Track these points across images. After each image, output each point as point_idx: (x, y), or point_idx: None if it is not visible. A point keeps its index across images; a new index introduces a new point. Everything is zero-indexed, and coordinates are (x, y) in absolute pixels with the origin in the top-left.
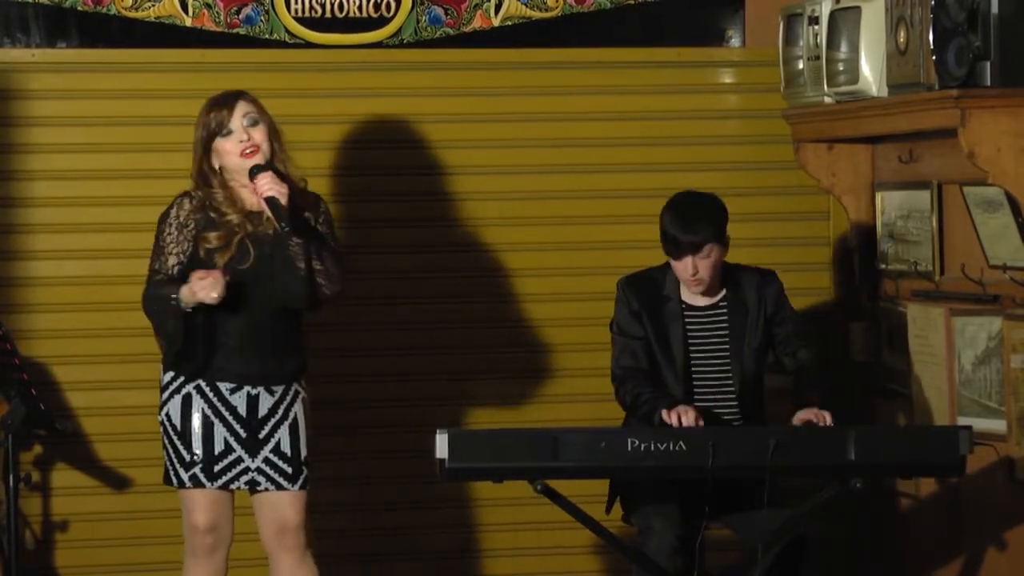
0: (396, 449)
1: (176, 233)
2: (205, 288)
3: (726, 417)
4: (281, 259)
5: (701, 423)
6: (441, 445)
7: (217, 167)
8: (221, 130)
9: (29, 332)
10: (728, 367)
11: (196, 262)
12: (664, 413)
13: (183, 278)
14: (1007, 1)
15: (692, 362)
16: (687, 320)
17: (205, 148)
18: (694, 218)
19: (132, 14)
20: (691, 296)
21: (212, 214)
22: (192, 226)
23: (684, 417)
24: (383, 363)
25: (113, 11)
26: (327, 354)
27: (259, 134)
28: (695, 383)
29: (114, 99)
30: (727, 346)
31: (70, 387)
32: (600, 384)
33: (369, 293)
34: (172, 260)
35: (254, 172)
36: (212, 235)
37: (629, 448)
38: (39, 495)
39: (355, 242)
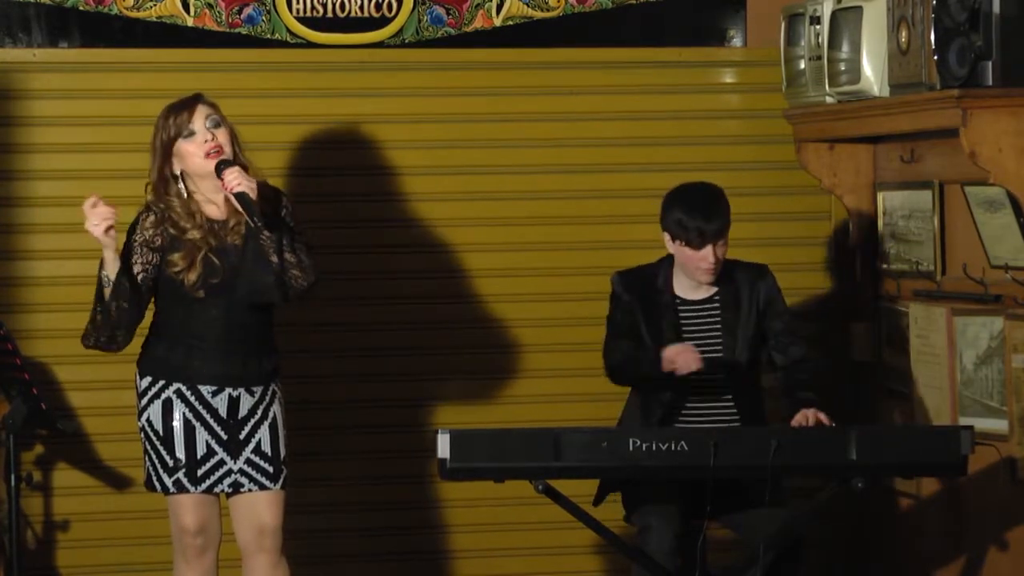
0: (396, 449)
1: (142, 248)
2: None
3: (720, 411)
4: (253, 253)
5: (699, 364)
6: (443, 445)
7: (178, 172)
8: (182, 132)
9: (30, 332)
10: (720, 359)
11: (166, 282)
12: (664, 358)
13: (144, 286)
14: (1009, 1)
15: None
16: (681, 313)
17: (165, 152)
18: (713, 206)
19: (134, 14)
20: (685, 290)
21: (172, 230)
22: (159, 242)
23: (682, 358)
24: (384, 363)
25: (115, 11)
26: (328, 354)
27: (222, 136)
28: (689, 376)
29: (115, 99)
30: (720, 340)
31: (71, 387)
32: (600, 384)
33: (373, 293)
34: (136, 269)
35: (221, 167)
36: (176, 256)
37: (631, 448)
38: (40, 495)
39: (358, 242)
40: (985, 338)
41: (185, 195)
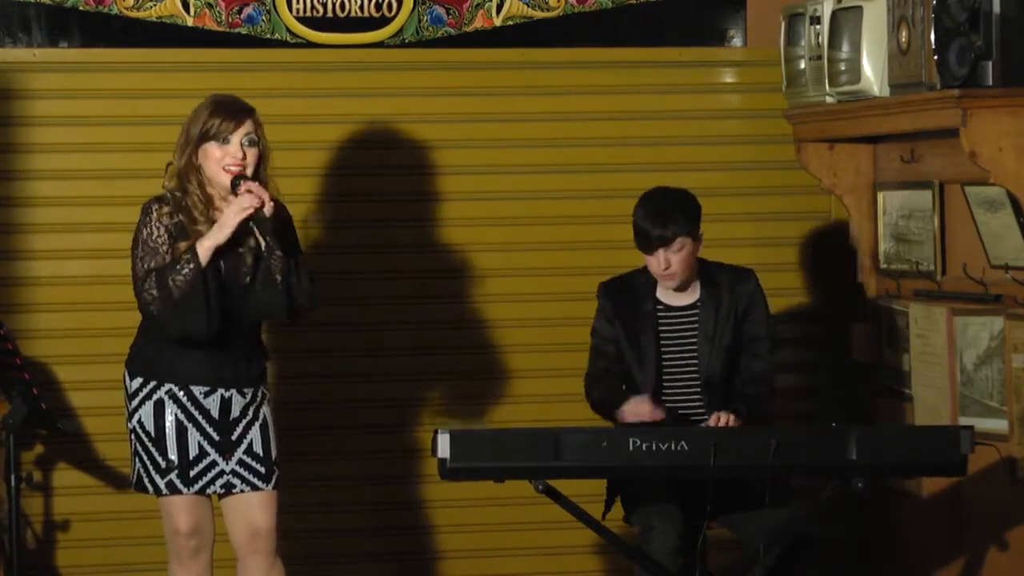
0: (396, 449)
1: (164, 234)
2: (254, 194)
3: (692, 415)
4: (262, 271)
5: (659, 414)
6: (443, 445)
7: (199, 164)
8: (219, 137)
9: (30, 332)
10: (696, 365)
11: None
12: (619, 415)
13: None
14: (1009, 1)
15: (664, 362)
16: (661, 321)
17: (197, 144)
18: (666, 212)
19: (133, 14)
20: (669, 297)
21: (184, 219)
22: (174, 230)
23: (634, 414)
24: (385, 363)
25: (115, 11)
26: (328, 354)
27: (252, 156)
28: (665, 382)
29: (115, 99)
30: (696, 344)
31: (71, 387)
32: None
33: (373, 293)
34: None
35: (237, 183)
36: (182, 245)
37: (631, 448)
38: (40, 494)
39: (357, 243)
40: (985, 338)
41: (207, 187)
